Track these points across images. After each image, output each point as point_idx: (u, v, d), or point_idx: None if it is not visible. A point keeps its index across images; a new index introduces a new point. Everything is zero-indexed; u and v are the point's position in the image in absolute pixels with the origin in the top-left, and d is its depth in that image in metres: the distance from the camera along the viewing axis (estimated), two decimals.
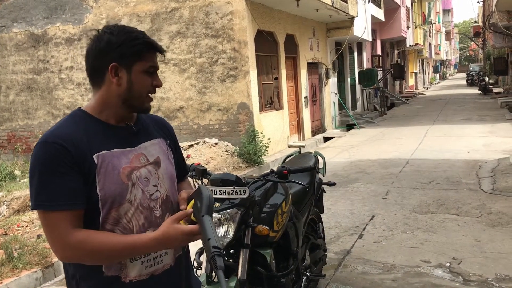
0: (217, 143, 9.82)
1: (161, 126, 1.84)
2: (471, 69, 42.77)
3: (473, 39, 46.98)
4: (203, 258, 2.84)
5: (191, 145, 9.68)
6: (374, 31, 22.03)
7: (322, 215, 4.21)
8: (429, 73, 52.83)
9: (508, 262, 4.27)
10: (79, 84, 11.32)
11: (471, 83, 38.35)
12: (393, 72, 23.79)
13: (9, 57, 11.96)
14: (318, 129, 15.01)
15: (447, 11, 65.80)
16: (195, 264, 2.98)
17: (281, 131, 11.76)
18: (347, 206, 6.45)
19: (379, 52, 24.16)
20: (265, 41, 10.98)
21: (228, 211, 2.61)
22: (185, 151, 9.32)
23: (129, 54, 1.58)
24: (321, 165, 4.11)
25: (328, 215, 5.89)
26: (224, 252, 1.45)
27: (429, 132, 13.40)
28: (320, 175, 4.07)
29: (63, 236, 1.48)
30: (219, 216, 2.62)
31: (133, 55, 1.58)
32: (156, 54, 1.66)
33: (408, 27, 27.76)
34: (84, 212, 1.53)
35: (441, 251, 4.64)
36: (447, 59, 74.64)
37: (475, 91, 30.80)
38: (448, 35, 68.45)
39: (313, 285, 3.72)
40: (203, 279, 2.62)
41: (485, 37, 34.37)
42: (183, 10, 10.16)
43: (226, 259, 2.90)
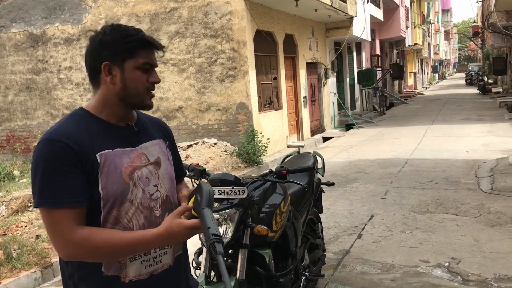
0: (216, 143, 9.82)
1: (160, 127, 1.85)
2: (470, 69, 42.75)
3: (472, 39, 47.02)
4: (202, 258, 2.85)
5: (190, 145, 9.67)
6: (373, 31, 22.04)
7: (321, 215, 4.21)
8: (428, 73, 52.86)
9: (506, 262, 4.27)
10: (78, 84, 11.32)
11: (470, 83, 38.40)
12: (392, 72, 23.81)
13: (8, 57, 11.96)
14: (317, 129, 15.01)
15: (446, 11, 65.82)
16: (194, 264, 2.98)
17: (280, 131, 11.76)
18: (346, 206, 6.45)
19: (378, 52, 24.17)
20: (264, 41, 10.99)
21: (226, 211, 2.62)
22: (184, 151, 9.32)
23: (121, 51, 1.58)
24: (320, 165, 4.11)
25: (327, 215, 5.89)
26: (222, 239, 1.47)
27: (428, 132, 13.41)
28: (319, 175, 4.08)
29: (66, 233, 1.47)
30: (218, 216, 2.62)
31: (124, 52, 1.58)
32: (152, 51, 1.64)
33: (407, 27, 27.77)
34: (86, 211, 1.53)
35: (440, 251, 4.64)
36: (446, 59, 74.69)
37: (474, 91, 30.83)
38: (447, 35, 68.50)
39: (312, 285, 3.72)
40: (202, 279, 2.63)
41: (484, 37, 34.41)
42: (182, 10, 10.16)
43: (225, 259, 2.91)
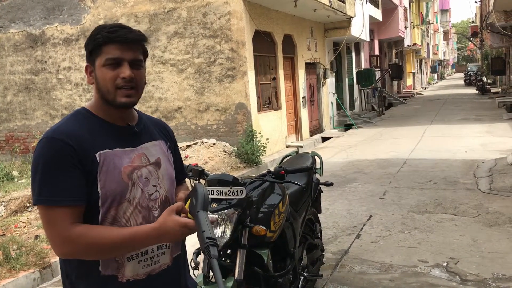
0: (215, 144, 9.82)
1: (162, 129, 1.85)
2: (469, 69, 42.84)
3: (471, 39, 47.07)
4: (200, 258, 2.85)
5: (189, 146, 9.68)
6: (372, 31, 22.05)
7: (319, 215, 4.21)
8: (427, 73, 52.90)
9: (505, 261, 4.28)
10: (77, 84, 11.31)
11: (469, 83, 38.44)
12: (391, 72, 23.83)
13: (6, 57, 11.95)
14: (316, 129, 15.02)
15: (444, 11, 65.88)
16: (192, 264, 2.98)
17: (279, 131, 11.76)
18: (344, 206, 6.46)
19: (377, 52, 24.19)
20: (263, 41, 10.99)
21: (225, 211, 2.62)
22: (183, 152, 9.32)
23: (91, 50, 1.60)
24: (318, 165, 4.12)
25: (325, 215, 5.90)
26: (217, 242, 1.47)
27: (427, 132, 13.42)
28: (317, 175, 4.08)
29: (63, 231, 1.48)
30: (216, 216, 2.62)
31: (93, 51, 1.60)
32: (122, 45, 1.57)
33: (406, 27, 27.80)
34: (84, 210, 1.53)
35: (438, 251, 4.65)
36: (445, 59, 74.72)
37: (472, 91, 30.87)
38: (446, 35, 68.53)
39: (311, 285, 3.73)
40: (200, 279, 2.63)
41: (483, 37, 34.44)
42: (181, 10, 10.16)
43: (223, 259, 2.91)
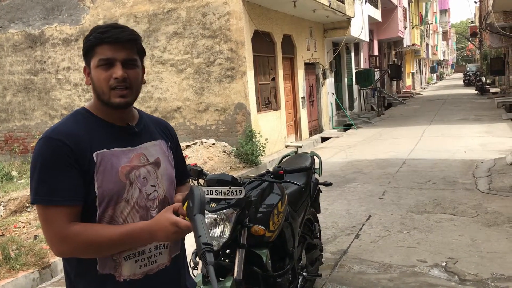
0: (214, 144, 9.82)
1: (163, 128, 1.85)
2: (468, 69, 42.85)
3: (470, 39, 47.15)
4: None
5: (189, 146, 9.68)
6: (371, 32, 22.06)
7: (318, 215, 4.22)
8: (426, 73, 52.93)
9: (503, 261, 4.29)
10: (76, 84, 11.31)
11: (468, 83, 38.46)
12: (390, 72, 23.83)
13: (6, 57, 11.94)
14: (315, 129, 15.03)
15: (444, 12, 65.96)
16: (192, 264, 2.98)
17: (278, 132, 11.77)
18: (344, 206, 6.46)
19: (376, 52, 24.20)
20: (262, 41, 11.00)
21: (224, 211, 2.63)
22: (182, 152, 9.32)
23: (86, 52, 1.61)
24: (317, 165, 4.12)
25: (324, 215, 5.91)
26: (214, 249, 1.46)
27: (426, 132, 13.44)
28: (316, 175, 4.09)
29: (60, 229, 1.49)
30: (215, 216, 2.63)
31: (88, 52, 1.61)
32: (114, 45, 1.56)
33: (405, 28, 27.81)
34: (81, 209, 1.54)
35: (437, 250, 4.66)
36: (444, 59, 74.77)
37: (472, 91, 30.88)
38: (445, 35, 68.60)
39: (310, 285, 3.73)
40: (199, 279, 2.64)
41: (482, 37, 34.47)
42: (180, 10, 10.16)
43: (222, 259, 2.91)
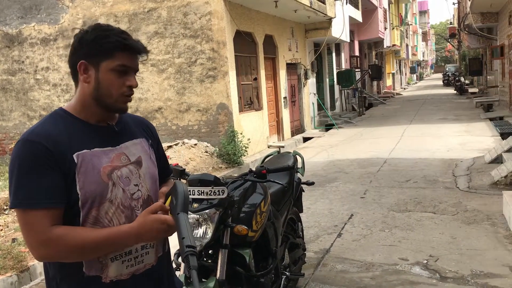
0: (196, 144, 9.77)
1: (143, 126, 1.83)
2: (447, 69, 43.44)
3: (449, 40, 47.91)
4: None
5: (170, 146, 9.61)
6: (352, 32, 22.23)
7: (301, 214, 4.23)
8: (406, 74, 53.56)
9: (483, 258, 4.35)
10: (55, 85, 11.14)
11: (447, 83, 39.00)
12: (371, 72, 24.04)
13: None
14: (297, 129, 15.07)
15: (423, 13, 66.94)
16: (174, 265, 2.96)
17: (260, 132, 11.77)
18: (326, 205, 6.49)
19: (357, 53, 24.40)
20: (244, 41, 10.98)
21: (206, 211, 2.61)
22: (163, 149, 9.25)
23: (98, 51, 1.57)
24: (299, 165, 4.13)
25: (307, 214, 5.92)
26: (197, 250, 1.44)
27: (406, 131, 13.58)
28: (299, 175, 4.09)
29: (41, 233, 1.45)
30: (198, 216, 2.61)
31: (101, 52, 1.57)
32: (134, 54, 1.61)
33: (385, 28, 28.10)
34: (64, 211, 1.51)
35: (418, 248, 4.70)
36: (423, 60, 75.80)
37: (451, 91, 31.36)
38: (424, 36, 69.59)
39: (293, 284, 3.73)
40: (181, 280, 2.61)
41: (461, 38, 35.06)
42: (161, 10, 10.09)
43: (205, 259, 2.89)
